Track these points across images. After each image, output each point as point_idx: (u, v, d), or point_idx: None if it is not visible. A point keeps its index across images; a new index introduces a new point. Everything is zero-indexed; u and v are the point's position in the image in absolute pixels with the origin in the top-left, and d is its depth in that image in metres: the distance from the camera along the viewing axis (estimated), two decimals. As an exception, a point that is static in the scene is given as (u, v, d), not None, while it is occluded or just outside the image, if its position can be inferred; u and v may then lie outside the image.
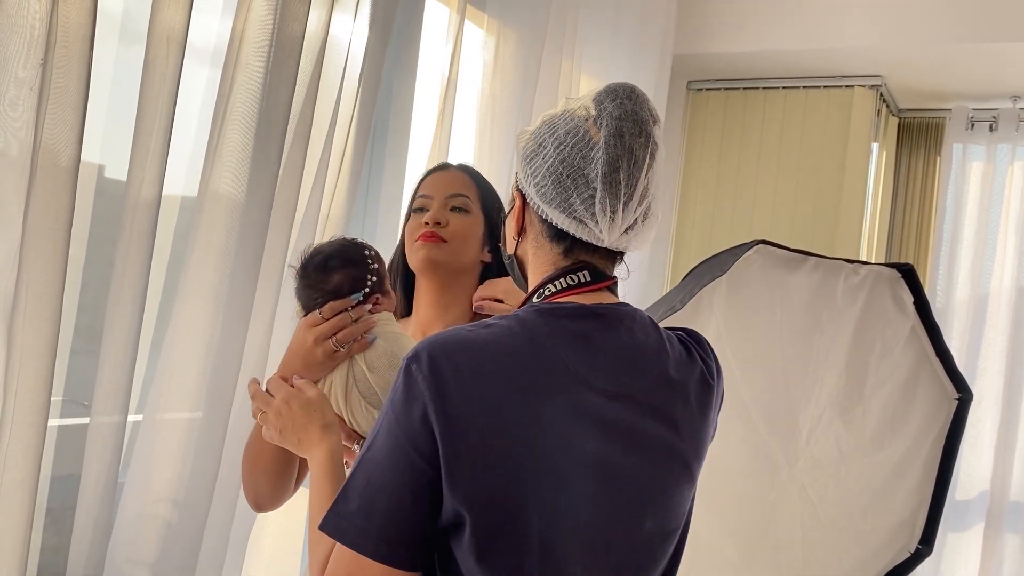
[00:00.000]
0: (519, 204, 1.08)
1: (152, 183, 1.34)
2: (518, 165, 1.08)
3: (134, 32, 1.42)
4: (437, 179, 1.43)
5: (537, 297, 1.06)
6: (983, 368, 3.26)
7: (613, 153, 1.01)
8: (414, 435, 0.93)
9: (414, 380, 0.93)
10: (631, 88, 1.06)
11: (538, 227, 1.07)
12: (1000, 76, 3.03)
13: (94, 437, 1.32)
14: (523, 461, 0.94)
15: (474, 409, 0.93)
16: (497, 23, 2.21)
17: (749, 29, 2.95)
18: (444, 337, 0.97)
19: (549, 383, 0.96)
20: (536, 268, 1.08)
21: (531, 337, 0.98)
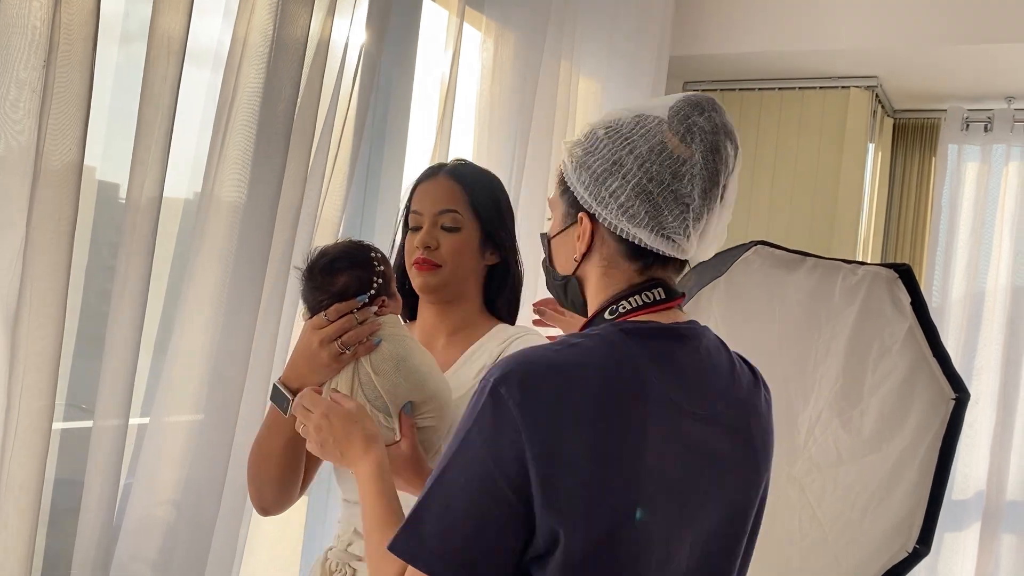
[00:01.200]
0: (587, 225, 1.04)
1: (153, 186, 1.33)
2: (578, 184, 1.04)
3: (134, 35, 1.42)
4: (426, 192, 1.41)
5: (610, 314, 1.03)
6: (979, 368, 3.27)
7: (712, 168, 1.02)
8: (504, 463, 0.90)
9: (504, 405, 0.91)
10: (712, 99, 1.06)
11: (612, 246, 1.04)
12: (994, 77, 3.04)
13: (97, 440, 1.31)
14: (615, 485, 0.93)
15: (567, 435, 0.91)
16: (495, 25, 2.21)
17: (745, 30, 2.96)
18: (532, 359, 0.95)
19: (638, 406, 0.95)
20: (605, 287, 1.06)
21: (620, 359, 0.97)
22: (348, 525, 1.39)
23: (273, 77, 1.49)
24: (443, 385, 1.31)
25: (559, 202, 1.09)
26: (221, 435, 1.49)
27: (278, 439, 1.31)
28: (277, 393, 1.28)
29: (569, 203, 1.06)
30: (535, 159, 2.29)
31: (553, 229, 1.12)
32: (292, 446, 1.31)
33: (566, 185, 1.06)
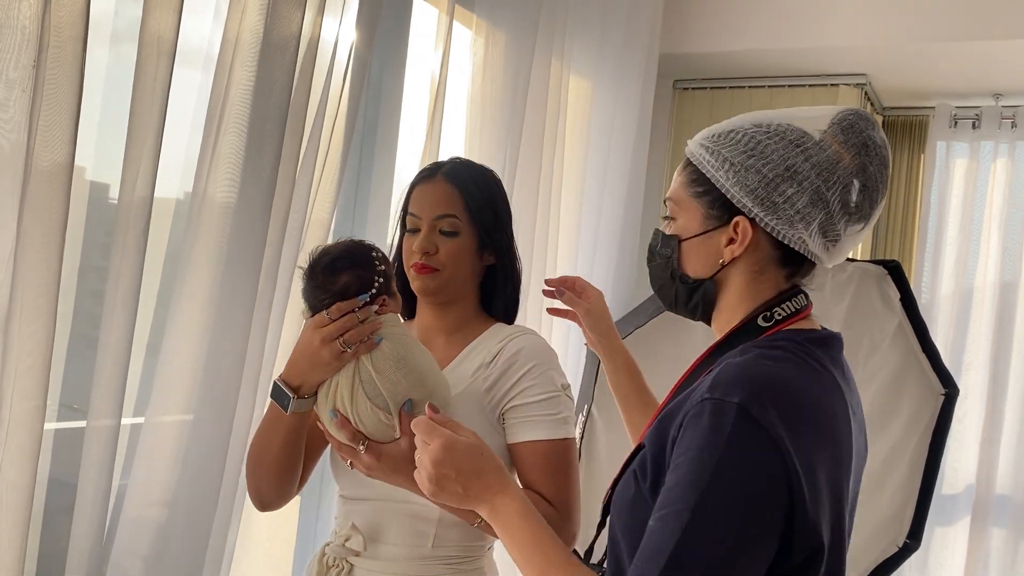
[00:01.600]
0: (746, 229, 1.03)
1: (144, 186, 1.33)
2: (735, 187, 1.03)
3: (124, 35, 1.42)
4: (424, 195, 1.41)
5: (764, 320, 1.04)
6: (968, 363, 3.29)
7: (884, 182, 1.05)
8: (773, 488, 0.88)
9: (760, 427, 0.89)
10: (870, 115, 1.08)
11: (766, 252, 1.05)
12: (982, 74, 3.06)
13: (90, 440, 1.31)
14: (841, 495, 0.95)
15: (815, 448, 0.91)
16: (486, 24, 2.21)
17: (734, 29, 2.97)
18: (765, 376, 0.94)
19: (843, 414, 0.99)
20: (752, 293, 1.06)
21: (822, 370, 0.99)
22: (345, 520, 1.40)
23: (264, 77, 1.49)
24: (442, 383, 1.32)
25: (694, 203, 1.07)
26: (215, 435, 1.49)
27: (278, 436, 1.32)
28: (277, 391, 1.29)
29: (715, 206, 1.05)
30: (526, 157, 2.30)
31: (687, 230, 1.09)
32: (292, 443, 1.33)
33: (709, 185, 1.05)
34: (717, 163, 1.04)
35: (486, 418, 1.37)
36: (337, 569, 1.37)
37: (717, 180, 1.04)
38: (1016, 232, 3.29)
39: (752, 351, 1.00)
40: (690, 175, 1.08)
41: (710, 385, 0.93)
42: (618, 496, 1.04)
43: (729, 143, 1.04)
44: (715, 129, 1.08)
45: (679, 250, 1.10)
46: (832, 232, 1.03)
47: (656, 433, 0.99)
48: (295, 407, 1.28)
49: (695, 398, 0.95)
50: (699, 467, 0.89)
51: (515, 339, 1.41)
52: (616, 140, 2.75)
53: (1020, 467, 3.21)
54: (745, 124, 1.05)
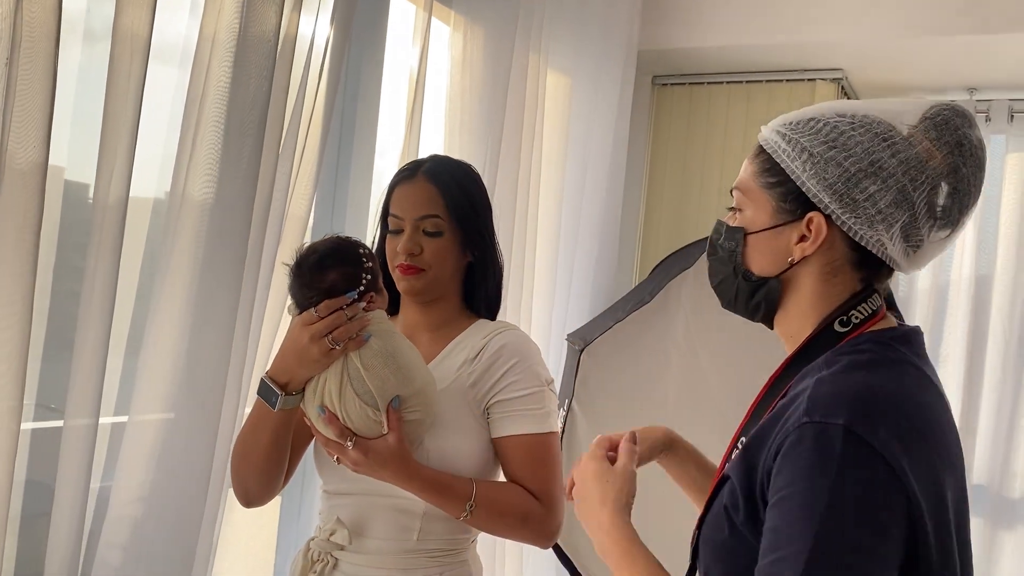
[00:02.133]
0: (820, 226, 0.96)
1: (120, 185, 1.33)
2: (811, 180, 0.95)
3: (98, 33, 1.41)
4: (406, 195, 1.42)
5: (840, 325, 0.97)
6: (945, 355, 3.33)
7: (978, 185, 0.96)
8: (893, 517, 0.82)
9: (871, 449, 0.82)
10: (968, 111, 0.98)
11: (842, 252, 0.97)
12: (956, 69, 3.09)
13: (68, 440, 1.31)
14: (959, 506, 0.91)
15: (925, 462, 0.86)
16: (464, 20, 2.21)
17: (712, 24, 2.98)
18: (867, 392, 0.87)
19: (951, 423, 0.94)
20: (824, 295, 0.98)
21: (924, 378, 0.94)
22: (330, 515, 1.40)
23: (241, 74, 1.49)
24: (429, 379, 1.33)
25: (764, 194, 1.00)
26: (199, 433, 1.49)
27: (265, 433, 1.32)
28: (265, 388, 1.30)
29: (788, 199, 0.98)
30: (506, 153, 2.30)
31: (755, 223, 1.01)
32: (278, 439, 1.33)
33: (783, 176, 0.98)
34: (794, 152, 0.97)
35: (471, 413, 1.38)
36: (322, 563, 1.38)
37: (792, 171, 0.97)
38: (991, 226, 3.32)
39: (840, 360, 0.92)
40: (762, 164, 1.01)
41: (807, 408, 0.85)
42: (709, 537, 0.97)
43: (808, 131, 0.96)
44: (793, 116, 1.00)
45: (744, 244, 1.02)
46: (915, 237, 0.95)
47: (743, 463, 0.92)
48: (282, 404, 1.28)
49: (791, 423, 0.86)
50: (809, 501, 0.81)
51: (499, 335, 1.42)
52: (596, 135, 2.76)
53: (996, 457, 3.25)
54: (827, 113, 0.97)
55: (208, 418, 1.51)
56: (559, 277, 2.66)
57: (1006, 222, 3.29)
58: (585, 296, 2.76)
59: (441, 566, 1.39)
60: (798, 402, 0.89)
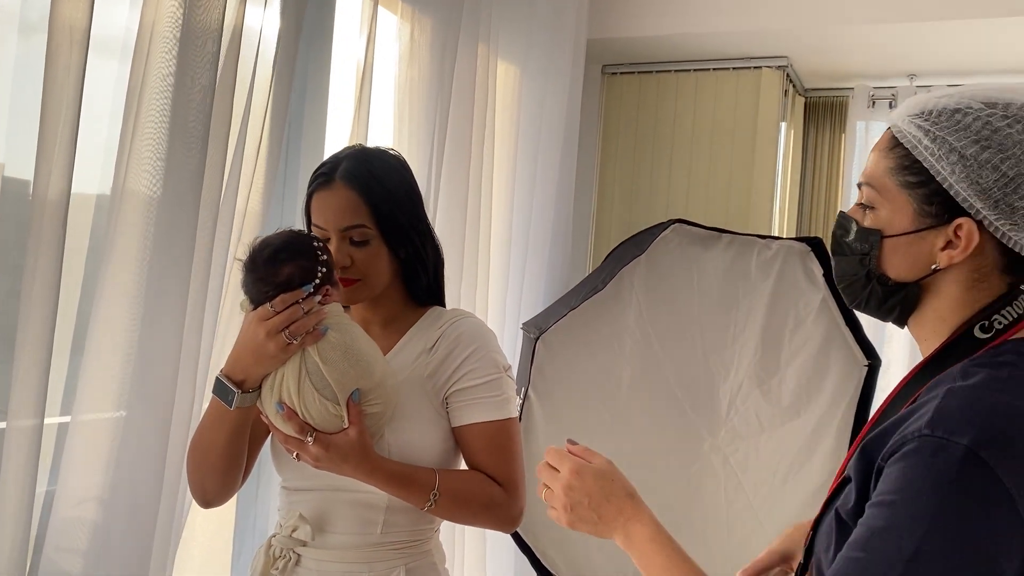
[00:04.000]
0: (971, 233, 0.88)
1: (59, 181, 1.30)
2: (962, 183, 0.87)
3: (34, 24, 1.38)
4: (326, 204, 1.35)
5: (982, 331, 0.89)
6: (890, 335, 3.41)
7: None
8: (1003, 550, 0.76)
9: (996, 481, 0.76)
10: None
11: (992, 258, 0.89)
12: (897, 55, 3.16)
13: (11, 442, 1.28)
14: None
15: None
16: (411, 9, 2.20)
17: (660, 13, 3.01)
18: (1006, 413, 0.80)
19: None
20: (967, 300, 0.91)
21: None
22: (290, 511, 1.39)
23: (185, 65, 1.46)
24: (389, 371, 1.32)
25: (903, 194, 0.92)
26: (152, 431, 1.47)
27: (221, 432, 1.30)
28: (220, 386, 1.28)
29: (933, 201, 0.89)
30: (456, 143, 2.30)
31: (893, 226, 0.93)
32: (236, 438, 1.32)
33: (927, 175, 0.89)
34: (941, 152, 0.87)
35: (430, 403, 1.38)
36: (284, 560, 1.37)
37: (939, 172, 0.87)
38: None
39: (978, 372, 0.84)
40: (900, 159, 0.92)
41: (931, 419, 0.80)
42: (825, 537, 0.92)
43: (956, 127, 0.87)
44: (931, 104, 0.90)
45: (880, 247, 0.93)
46: None
47: (860, 461, 0.88)
48: (239, 402, 1.26)
49: (911, 430, 0.81)
50: (916, 511, 0.77)
51: (455, 323, 1.42)
52: (546, 125, 2.76)
53: (940, 433, 3.34)
54: (974, 104, 0.88)
55: (164, 416, 1.48)
56: (512, 266, 2.66)
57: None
58: (539, 285, 2.78)
59: (405, 558, 1.39)
60: (924, 410, 0.83)
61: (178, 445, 1.50)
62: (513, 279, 2.67)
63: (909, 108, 0.93)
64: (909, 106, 0.93)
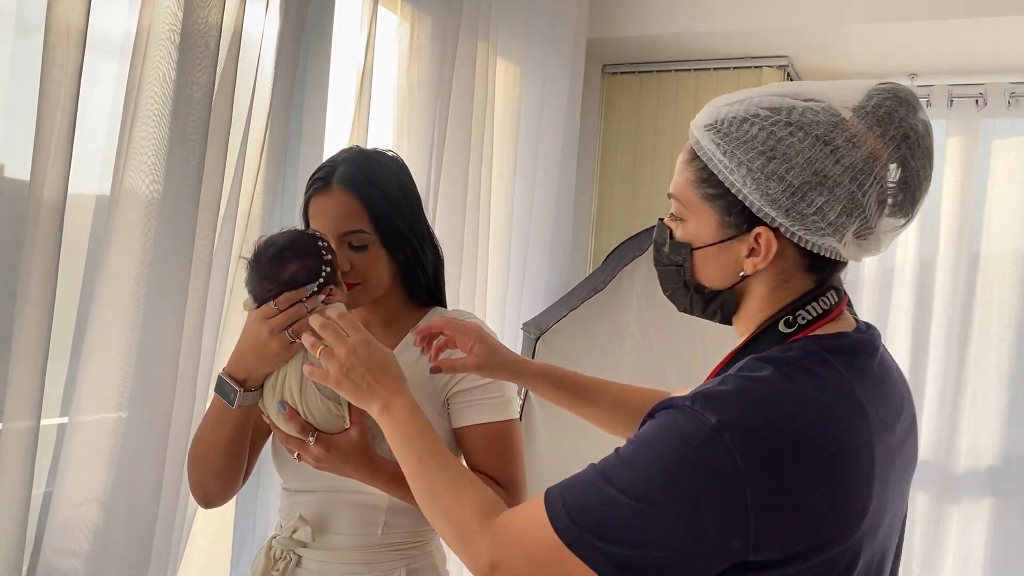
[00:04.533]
0: (769, 241, 0.91)
1: (56, 182, 1.29)
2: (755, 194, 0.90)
3: (31, 24, 1.37)
4: (323, 209, 1.35)
5: (786, 326, 0.93)
6: (891, 335, 3.41)
7: (928, 175, 0.91)
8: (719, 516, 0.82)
9: (728, 453, 0.81)
10: (913, 92, 0.92)
11: (793, 260, 0.93)
12: (897, 55, 3.16)
13: (7, 444, 1.27)
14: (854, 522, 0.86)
15: (800, 481, 0.83)
16: (411, 8, 2.20)
17: (661, 13, 3.00)
18: (757, 398, 0.85)
19: (866, 436, 0.88)
20: (775, 299, 0.95)
21: (839, 387, 0.88)
22: (291, 513, 1.39)
23: (185, 65, 1.45)
24: None
25: (704, 207, 0.94)
26: (153, 431, 1.47)
27: (223, 431, 1.30)
28: (222, 385, 1.27)
29: (731, 212, 0.92)
30: (456, 142, 2.29)
31: (700, 238, 0.96)
32: (237, 437, 1.31)
33: (723, 188, 0.92)
34: (732, 165, 0.90)
35: (431, 404, 1.38)
36: (285, 561, 1.36)
37: (733, 184, 0.91)
38: (933, 210, 3.40)
39: (764, 367, 0.88)
40: (699, 172, 0.94)
41: (695, 394, 0.86)
42: None
43: (743, 140, 0.90)
44: (722, 113, 0.93)
45: (691, 259, 0.97)
46: (867, 232, 0.91)
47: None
48: (241, 401, 1.26)
49: (678, 397, 0.87)
50: (655, 461, 0.84)
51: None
52: (546, 124, 2.76)
53: (942, 434, 3.34)
54: (760, 112, 0.90)
55: (165, 416, 1.48)
56: (513, 266, 2.66)
57: (947, 205, 3.37)
58: (539, 285, 2.77)
59: (406, 559, 1.38)
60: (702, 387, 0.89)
61: (179, 446, 1.50)
62: (513, 279, 2.66)
63: (704, 118, 0.95)
64: (704, 115, 0.95)
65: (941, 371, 3.35)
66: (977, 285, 3.34)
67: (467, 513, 0.96)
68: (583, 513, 0.86)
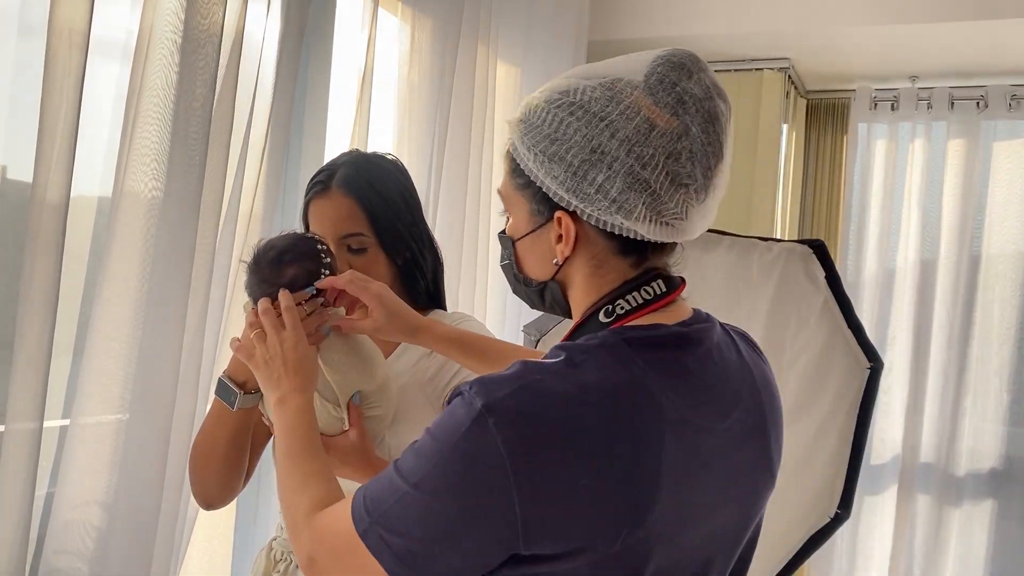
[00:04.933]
0: (569, 225, 0.90)
1: (59, 184, 1.29)
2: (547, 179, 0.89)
3: (33, 27, 1.37)
4: (323, 212, 1.35)
5: (606, 316, 0.91)
6: (892, 337, 3.41)
7: (715, 140, 0.87)
8: (484, 500, 0.81)
9: (491, 439, 0.80)
10: (694, 55, 0.90)
11: (601, 244, 0.91)
12: (899, 57, 3.16)
13: (9, 445, 1.28)
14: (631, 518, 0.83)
15: (569, 472, 0.80)
16: (411, 11, 2.20)
17: (661, 15, 3.01)
18: (529, 385, 0.82)
19: (653, 433, 0.84)
20: (596, 287, 0.93)
21: (627, 379, 0.85)
22: None
23: (187, 67, 1.46)
24: (390, 374, 1.32)
25: (519, 198, 0.94)
26: (154, 433, 1.47)
27: (224, 433, 1.30)
28: (223, 387, 1.28)
29: (536, 199, 0.92)
30: (457, 144, 2.30)
31: (517, 230, 0.96)
32: (237, 439, 1.32)
33: (527, 178, 0.91)
34: (528, 153, 0.90)
35: (431, 406, 1.37)
36: (285, 563, 1.37)
37: (532, 172, 0.90)
38: (934, 211, 3.41)
39: (559, 354, 0.86)
40: (511, 164, 0.94)
41: (478, 378, 0.84)
42: None
43: (533, 128, 0.89)
44: (527, 102, 0.93)
45: (515, 252, 0.97)
46: (668, 212, 0.87)
47: None
48: (241, 403, 1.26)
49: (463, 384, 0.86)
50: (434, 448, 0.83)
51: (462, 324, 1.41)
52: (547, 127, 2.76)
53: (943, 436, 3.34)
54: (553, 96, 0.89)
55: (166, 418, 1.48)
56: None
57: (948, 207, 3.37)
58: (540, 287, 2.77)
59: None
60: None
61: (179, 448, 1.50)
62: (514, 281, 2.66)
63: (517, 110, 0.94)
64: (518, 111, 0.94)
65: (942, 373, 3.35)
66: (978, 287, 3.34)
67: (302, 508, 0.96)
68: (375, 502, 0.85)
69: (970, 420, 3.32)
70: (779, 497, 2.72)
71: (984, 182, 3.36)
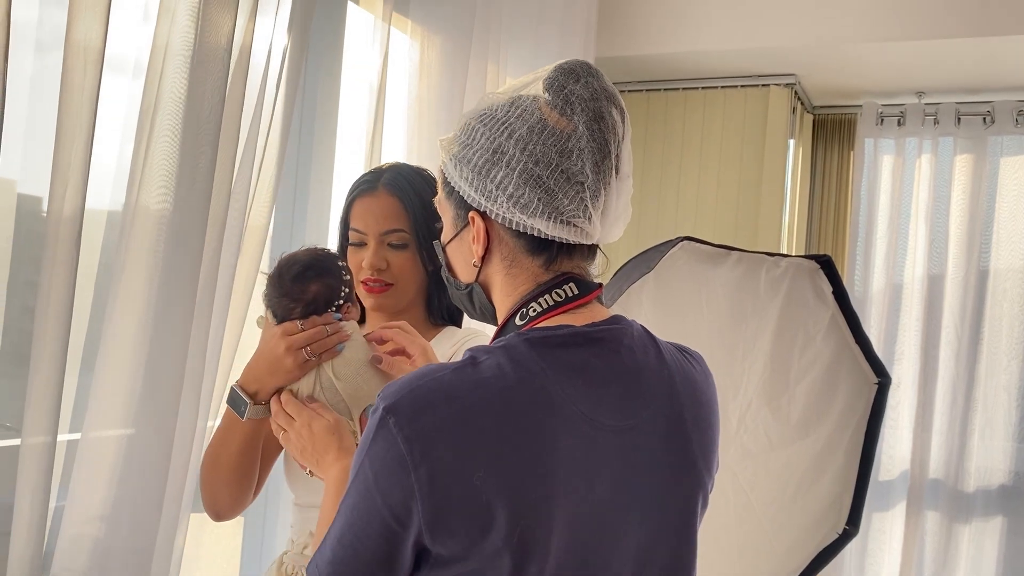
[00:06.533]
0: (480, 226, 0.95)
1: (74, 198, 1.31)
2: (461, 181, 0.96)
3: (49, 43, 1.39)
4: (368, 209, 1.41)
5: (520, 319, 0.95)
6: (900, 353, 3.40)
7: (600, 138, 0.93)
8: (392, 499, 0.84)
9: (392, 439, 0.84)
10: (587, 64, 0.96)
11: (511, 244, 0.96)
12: (905, 73, 3.17)
13: (26, 458, 1.28)
14: (526, 512, 0.85)
15: (463, 467, 0.83)
16: (421, 29, 2.22)
17: (668, 32, 3.02)
18: (427, 384, 0.86)
19: (546, 428, 0.86)
20: (511, 289, 0.97)
21: (524, 376, 0.87)
22: (302, 529, 1.40)
23: (196, 83, 1.47)
24: None
25: (447, 205, 1.01)
26: (157, 448, 1.47)
27: (234, 443, 1.32)
28: (234, 396, 1.29)
29: (457, 204, 0.98)
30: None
31: (445, 236, 1.03)
32: (247, 450, 1.33)
33: (451, 186, 0.98)
34: (449, 161, 0.97)
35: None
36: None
37: (452, 178, 0.97)
38: (941, 226, 3.40)
39: (466, 356, 0.91)
40: (441, 176, 1.02)
41: (387, 386, 0.89)
42: None
43: (456, 141, 0.97)
44: (463, 118, 1.00)
45: (446, 256, 1.04)
46: (567, 211, 0.92)
47: None
48: (251, 414, 1.27)
49: None
50: (356, 460, 0.89)
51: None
52: (555, 142, 2.77)
53: (952, 452, 3.32)
54: (474, 111, 0.97)
55: (169, 433, 1.49)
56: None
57: (956, 222, 3.37)
58: (547, 302, 2.77)
59: (415, 573, 1.38)
60: None
61: (180, 464, 1.50)
62: (522, 296, 2.66)
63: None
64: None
65: (950, 389, 3.34)
66: (986, 302, 3.33)
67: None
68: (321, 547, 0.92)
69: (979, 436, 3.31)
70: (784, 512, 2.73)
71: (991, 197, 3.36)
